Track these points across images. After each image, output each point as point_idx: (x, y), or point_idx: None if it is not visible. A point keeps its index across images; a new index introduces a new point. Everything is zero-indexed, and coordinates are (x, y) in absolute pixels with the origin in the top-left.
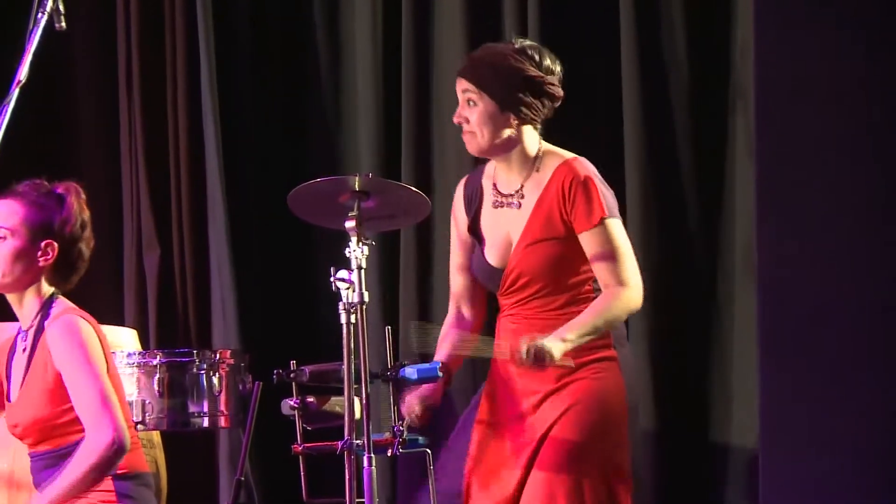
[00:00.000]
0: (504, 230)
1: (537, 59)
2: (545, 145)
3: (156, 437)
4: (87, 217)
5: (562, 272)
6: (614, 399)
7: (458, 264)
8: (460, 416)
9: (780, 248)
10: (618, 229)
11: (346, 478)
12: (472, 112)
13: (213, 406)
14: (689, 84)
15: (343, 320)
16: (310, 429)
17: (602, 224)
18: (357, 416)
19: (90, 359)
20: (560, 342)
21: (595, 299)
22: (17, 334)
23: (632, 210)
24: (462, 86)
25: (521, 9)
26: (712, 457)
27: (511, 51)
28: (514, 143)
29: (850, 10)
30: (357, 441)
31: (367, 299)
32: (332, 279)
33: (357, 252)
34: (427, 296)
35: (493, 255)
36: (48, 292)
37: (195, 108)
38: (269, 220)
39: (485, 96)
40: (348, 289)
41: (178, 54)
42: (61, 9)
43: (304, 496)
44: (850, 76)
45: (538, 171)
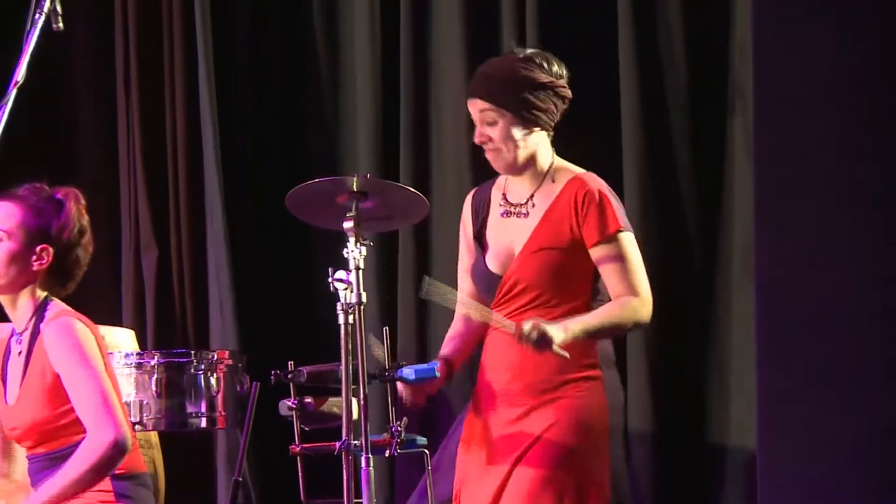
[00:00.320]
0: (509, 238)
1: (546, 65)
2: (557, 159)
3: (154, 437)
4: (87, 223)
5: (560, 283)
6: (596, 418)
7: (465, 267)
8: (458, 415)
9: (779, 249)
10: (631, 243)
11: (344, 478)
12: (493, 130)
13: (210, 407)
14: (688, 84)
15: (341, 321)
16: (308, 429)
17: (616, 236)
18: (355, 416)
19: (88, 359)
20: (562, 331)
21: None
22: (10, 336)
23: (630, 210)
24: (478, 106)
25: (520, 8)
26: (711, 457)
27: (518, 61)
28: (535, 154)
29: (848, 9)
30: (355, 441)
31: (364, 300)
32: (330, 280)
33: (355, 253)
34: None
35: (494, 261)
36: (42, 295)
37: (193, 109)
38: (267, 220)
39: (505, 112)
40: (346, 289)
41: (175, 55)
42: (59, 9)
43: (302, 497)
44: (848, 76)
45: (550, 183)
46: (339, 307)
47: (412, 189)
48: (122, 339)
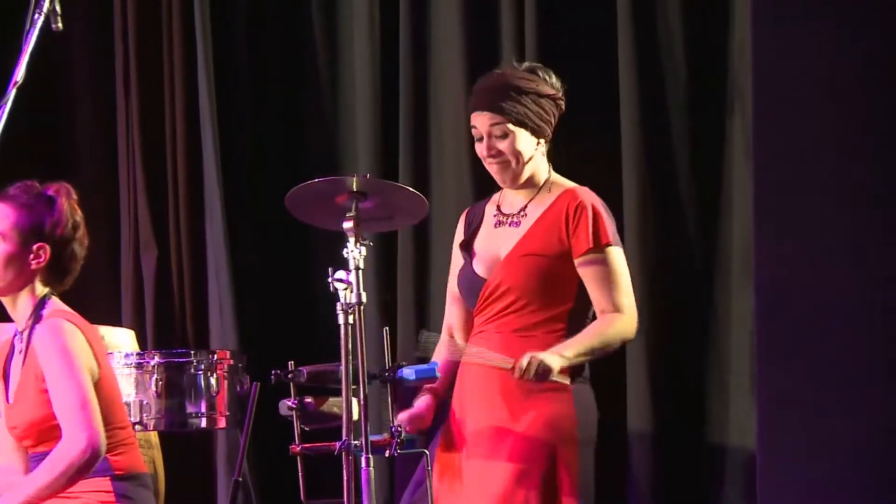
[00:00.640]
0: (497, 244)
1: (547, 77)
2: (554, 174)
3: (153, 437)
4: (80, 217)
5: (543, 290)
6: (565, 425)
7: (453, 293)
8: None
9: (778, 249)
10: (620, 258)
11: (345, 478)
12: (503, 143)
13: (210, 406)
14: (687, 84)
15: (341, 321)
16: (308, 429)
17: (605, 250)
18: (355, 416)
19: (71, 362)
20: (559, 358)
21: (589, 324)
22: (14, 335)
23: (630, 211)
24: (487, 119)
25: (519, 7)
26: (711, 457)
27: (521, 74)
28: (537, 166)
29: (847, 8)
30: (355, 442)
31: (364, 300)
32: (329, 280)
33: (355, 253)
34: (424, 296)
35: (481, 266)
36: (42, 293)
37: (193, 109)
38: (266, 220)
39: (515, 125)
40: (346, 289)
41: (175, 55)
42: (58, 9)
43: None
44: (848, 75)
45: (545, 194)
46: (338, 307)
47: (412, 189)
48: (121, 339)
